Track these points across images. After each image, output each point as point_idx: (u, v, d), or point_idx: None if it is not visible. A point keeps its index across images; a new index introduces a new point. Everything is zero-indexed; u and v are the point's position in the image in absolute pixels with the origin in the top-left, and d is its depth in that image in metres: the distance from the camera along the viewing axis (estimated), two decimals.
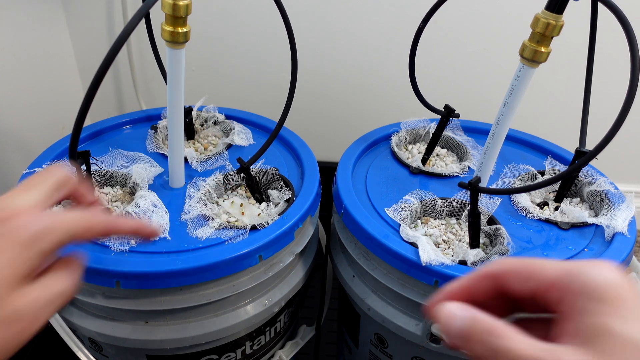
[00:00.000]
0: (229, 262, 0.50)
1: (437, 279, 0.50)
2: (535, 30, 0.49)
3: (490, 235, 0.56)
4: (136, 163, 0.63)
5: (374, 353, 0.66)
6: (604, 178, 0.62)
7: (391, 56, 0.95)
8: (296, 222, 0.55)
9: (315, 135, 1.04)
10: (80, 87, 1.00)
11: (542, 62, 0.50)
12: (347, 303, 0.66)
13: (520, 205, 0.60)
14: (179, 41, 0.51)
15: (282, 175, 0.63)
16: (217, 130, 0.74)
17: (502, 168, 0.68)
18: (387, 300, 0.57)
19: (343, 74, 0.97)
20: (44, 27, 0.88)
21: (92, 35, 0.95)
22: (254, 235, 0.53)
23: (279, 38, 0.92)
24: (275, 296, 0.57)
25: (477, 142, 0.72)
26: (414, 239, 0.53)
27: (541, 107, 0.99)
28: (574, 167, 0.48)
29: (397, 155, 0.69)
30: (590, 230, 0.57)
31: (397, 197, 0.61)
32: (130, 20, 0.41)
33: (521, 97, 0.53)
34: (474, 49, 0.93)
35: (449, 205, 0.60)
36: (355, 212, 0.57)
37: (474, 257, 0.51)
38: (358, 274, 0.60)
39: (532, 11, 0.50)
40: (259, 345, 0.63)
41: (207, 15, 0.92)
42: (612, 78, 0.89)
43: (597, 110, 0.78)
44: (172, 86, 0.54)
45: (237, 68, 0.98)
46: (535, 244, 0.55)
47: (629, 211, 0.57)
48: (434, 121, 0.74)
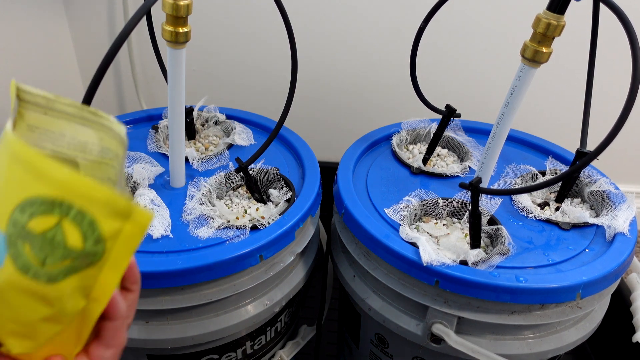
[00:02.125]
0: (230, 261, 0.50)
1: (438, 279, 0.50)
2: (537, 30, 0.49)
3: (491, 235, 0.56)
4: (137, 163, 0.63)
5: (375, 353, 0.66)
6: (605, 178, 0.62)
7: (392, 56, 0.95)
8: (297, 222, 0.55)
9: (316, 135, 1.04)
10: (81, 87, 1.00)
11: (543, 62, 0.50)
12: (348, 303, 0.66)
13: (521, 205, 0.60)
14: (180, 41, 0.51)
15: (282, 175, 0.63)
16: (218, 130, 0.74)
17: (503, 168, 0.68)
18: (387, 300, 0.57)
19: (344, 74, 0.97)
20: (46, 27, 0.88)
21: (93, 35, 0.95)
22: (254, 235, 0.53)
23: (280, 38, 0.92)
24: (276, 296, 0.57)
25: (478, 142, 0.72)
26: (414, 239, 0.53)
27: (542, 107, 0.99)
28: (575, 167, 0.48)
29: (398, 156, 0.69)
30: (591, 231, 0.57)
31: (397, 197, 0.61)
32: (130, 20, 0.41)
33: (522, 97, 0.53)
34: (475, 49, 0.93)
35: (450, 205, 0.60)
36: (356, 212, 0.57)
37: (475, 257, 0.51)
38: (359, 273, 0.60)
39: (533, 11, 0.50)
40: (259, 345, 0.63)
41: (208, 15, 0.92)
42: (613, 78, 0.89)
43: (598, 111, 0.78)
44: (172, 86, 0.54)
45: (238, 68, 0.98)
46: (536, 244, 0.55)
47: (630, 211, 0.57)
48: (434, 121, 0.74)
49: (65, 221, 0.25)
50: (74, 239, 0.26)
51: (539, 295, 0.49)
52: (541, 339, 0.53)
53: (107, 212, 0.26)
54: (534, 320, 0.51)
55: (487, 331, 0.53)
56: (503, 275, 0.49)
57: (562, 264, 0.53)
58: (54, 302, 0.27)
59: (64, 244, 0.26)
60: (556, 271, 0.51)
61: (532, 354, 0.53)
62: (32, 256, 0.25)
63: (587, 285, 0.49)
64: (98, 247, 0.26)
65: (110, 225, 0.26)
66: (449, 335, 0.51)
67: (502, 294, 0.49)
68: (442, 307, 0.52)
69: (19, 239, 0.25)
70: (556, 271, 0.51)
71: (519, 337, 0.53)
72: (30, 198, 0.25)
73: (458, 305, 0.51)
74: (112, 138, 0.30)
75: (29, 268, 0.25)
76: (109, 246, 0.27)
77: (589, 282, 0.49)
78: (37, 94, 0.29)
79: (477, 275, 0.49)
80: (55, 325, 0.28)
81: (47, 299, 0.26)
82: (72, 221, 0.25)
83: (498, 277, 0.49)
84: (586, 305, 0.53)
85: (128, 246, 0.28)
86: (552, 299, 0.49)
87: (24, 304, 0.26)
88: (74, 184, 0.25)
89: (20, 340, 0.27)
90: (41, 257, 0.25)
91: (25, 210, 0.25)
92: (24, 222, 0.25)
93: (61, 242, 0.25)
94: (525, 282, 0.48)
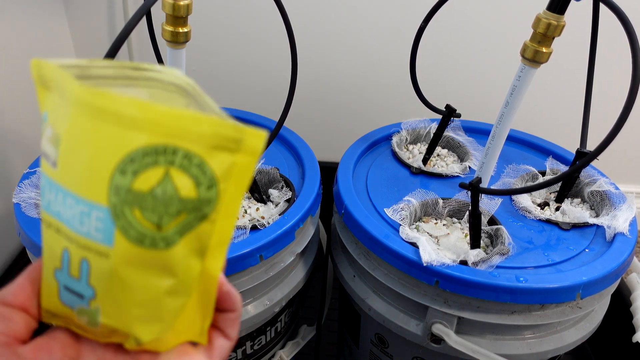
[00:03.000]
0: (230, 261, 0.50)
1: (438, 279, 0.50)
2: (537, 30, 0.49)
3: (491, 235, 0.56)
4: None
5: (375, 353, 0.66)
6: (605, 178, 0.62)
7: (392, 56, 0.95)
8: (297, 222, 0.55)
9: (316, 135, 1.04)
10: None
11: (543, 62, 0.50)
12: (348, 303, 0.66)
13: (521, 205, 0.60)
14: (180, 41, 0.51)
15: (282, 175, 0.63)
16: None
17: (503, 168, 0.68)
18: (387, 300, 0.57)
19: (344, 74, 0.97)
20: (45, 27, 0.88)
21: (93, 35, 0.95)
22: (254, 235, 0.53)
23: (280, 38, 0.92)
24: (276, 296, 0.57)
25: (478, 142, 0.72)
26: (414, 239, 0.53)
27: (542, 107, 0.99)
28: (575, 167, 0.48)
29: (398, 156, 0.69)
30: (591, 231, 0.57)
31: (397, 197, 0.61)
32: (130, 20, 0.41)
33: (522, 97, 0.53)
34: (475, 49, 0.93)
35: (450, 205, 0.60)
36: (356, 212, 0.57)
37: (475, 257, 0.51)
38: (359, 273, 0.60)
39: (533, 11, 0.50)
40: (259, 345, 0.63)
41: (208, 15, 0.92)
42: (613, 78, 0.89)
43: (598, 111, 0.78)
44: None
45: (238, 68, 0.98)
46: (536, 244, 0.55)
47: (630, 211, 0.57)
48: (434, 121, 0.74)
49: (172, 169, 0.22)
50: (186, 188, 0.22)
51: (539, 295, 0.49)
52: (541, 339, 0.53)
53: (215, 145, 0.22)
54: (534, 320, 0.51)
55: (487, 331, 0.53)
56: (503, 276, 0.49)
57: (562, 264, 0.53)
58: (175, 270, 0.24)
59: (178, 195, 0.22)
60: (556, 271, 0.51)
61: (532, 354, 0.53)
62: (145, 222, 0.22)
63: (587, 286, 0.49)
64: (211, 193, 0.23)
65: (222, 162, 0.23)
66: (449, 335, 0.51)
67: (502, 294, 0.49)
68: (442, 307, 0.52)
69: (125, 205, 0.22)
70: (556, 271, 0.51)
71: (519, 337, 0.53)
72: (129, 153, 0.21)
73: (458, 305, 0.51)
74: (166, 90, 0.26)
75: (145, 236, 0.22)
76: (222, 188, 0.23)
77: (589, 282, 0.49)
78: (69, 64, 0.24)
79: (477, 275, 0.49)
80: (180, 298, 0.25)
81: (168, 267, 0.23)
82: (179, 168, 0.22)
83: (498, 277, 0.49)
84: (586, 305, 0.53)
85: (241, 183, 0.24)
86: (552, 299, 0.49)
87: (146, 280, 0.23)
88: (174, 121, 0.21)
89: (149, 324, 0.24)
90: (155, 220, 0.22)
91: (127, 170, 0.21)
92: (128, 184, 0.21)
93: (174, 194, 0.22)
94: (525, 282, 0.48)
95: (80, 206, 0.22)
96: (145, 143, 0.21)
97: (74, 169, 0.22)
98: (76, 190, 0.22)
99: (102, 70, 0.25)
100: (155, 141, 0.21)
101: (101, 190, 0.22)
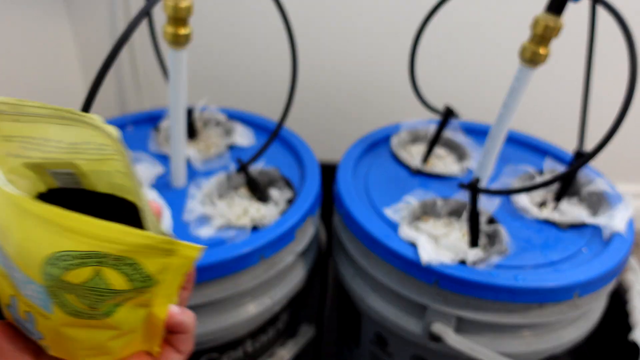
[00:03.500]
0: (231, 261, 0.51)
1: (437, 279, 0.50)
2: (535, 31, 0.49)
3: (490, 235, 0.56)
4: (138, 163, 0.63)
5: (375, 352, 0.66)
6: (602, 178, 0.63)
7: (392, 56, 0.95)
8: (297, 221, 0.56)
9: (317, 135, 1.04)
10: (83, 88, 1.01)
11: (542, 63, 0.51)
12: (348, 302, 0.66)
13: (519, 205, 0.61)
14: (181, 42, 0.51)
15: (283, 175, 0.63)
16: (219, 130, 0.74)
17: (501, 168, 0.68)
18: (387, 300, 0.57)
19: (344, 74, 0.98)
20: (47, 28, 0.88)
21: (95, 36, 0.96)
22: (255, 235, 0.53)
23: (280, 39, 0.93)
24: (277, 295, 0.58)
25: (477, 142, 0.73)
26: (414, 238, 0.53)
27: (540, 108, 0.99)
28: (573, 167, 0.49)
29: (397, 156, 0.70)
30: (588, 230, 0.58)
31: (397, 197, 0.61)
32: (131, 21, 0.42)
33: (521, 98, 0.54)
34: (474, 50, 0.94)
35: (449, 205, 0.60)
36: (356, 212, 0.57)
37: (474, 257, 0.51)
38: (359, 273, 0.60)
39: (531, 13, 0.50)
40: (260, 344, 0.64)
41: (208, 16, 0.92)
42: (610, 79, 0.90)
43: (596, 111, 0.79)
44: (174, 87, 0.55)
45: (238, 69, 0.98)
46: (534, 243, 0.56)
47: (627, 211, 0.58)
48: (434, 122, 0.74)
49: (103, 269, 0.23)
50: (118, 282, 0.24)
51: (537, 294, 0.49)
52: (539, 337, 0.54)
53: (148, 254, 0.24)
54: (532, 319, 0.51)
55: (486, 330, 0.53)
56: (501, 275, 0.50)
57: (560, 264, 0.53)
58: (116, 326, 0.25)
59: (109, 287, 0.23)
60: (554, 270, 0.52)
61: (530, 352, 0.53)
62: (79, 303, 0.24)
63: (584, 285, 0.50)
64: (147, 282, 0.25)
65: (155, 264, 0.24)
66: (448, 334, 0.52)
67: (501, 293, 0.49)
68: (441, 306, 0.52)
69: (59, 290, 0.23)
70: (554, 270, 0.52)
71: (517, 335, 0.53)
72: (57, 253, 0.22)
73: (457, 304, 0.52)
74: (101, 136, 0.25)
75: (80, 312, 0.24)
76: (160, 278, 0.25)
77: (587, 281, 0.50)
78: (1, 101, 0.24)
79: (476, 274, 0.49)
80: (125, 337, 0.27)
81: (109, 326, 0.25)
82: (111, 267, 0.23)
83: (496, 277, 0.49)
84: (583, 304, 0.53)
85: (179, 273, 0.26)
86: (550, 298, 0.50)
87: (87, 335, 0.25)
88: (103, 233, 0.22)
89: (97, 357, 0.26)
90: (88, 303, 0.24)
91: (57, 265, 0.22)
92: (59, 275, 0.22)
93: (105, 287, 0.23)
94: (524, 282, 0.49)
95: (22, 275, 0.24)
96: (73, 248, 0.22)
97: (11, 245, 0.23)
98: (16, 262, 0.23)
99: (36, 110, 0.25)
100: (83, 248, 0.22)
101: (35, 272, 0.23)
